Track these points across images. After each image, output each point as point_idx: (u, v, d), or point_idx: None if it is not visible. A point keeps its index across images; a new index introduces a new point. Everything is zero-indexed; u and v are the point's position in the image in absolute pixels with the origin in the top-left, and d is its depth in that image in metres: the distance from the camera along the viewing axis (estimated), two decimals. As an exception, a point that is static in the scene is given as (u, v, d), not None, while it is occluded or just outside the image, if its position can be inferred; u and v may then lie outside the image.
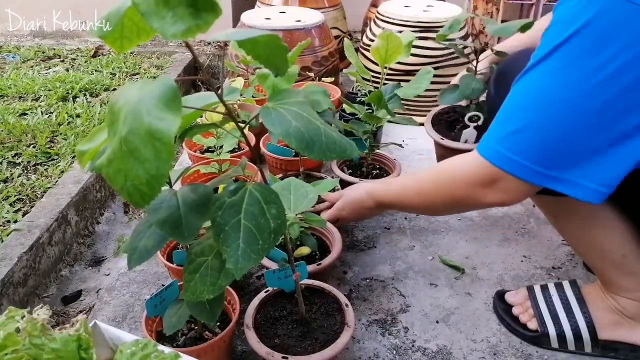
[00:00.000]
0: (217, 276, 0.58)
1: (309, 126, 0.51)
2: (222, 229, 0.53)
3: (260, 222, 0.53)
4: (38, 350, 0.48)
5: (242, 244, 0.51)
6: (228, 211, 0.53)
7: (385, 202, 0.96)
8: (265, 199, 0.54)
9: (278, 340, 0.81)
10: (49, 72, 2.18)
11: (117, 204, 1.49)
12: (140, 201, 0.40)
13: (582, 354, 0.92)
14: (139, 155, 0.38)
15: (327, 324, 0.84)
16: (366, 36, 1.94)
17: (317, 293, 0.91)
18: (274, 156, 1.29)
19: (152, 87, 0.40)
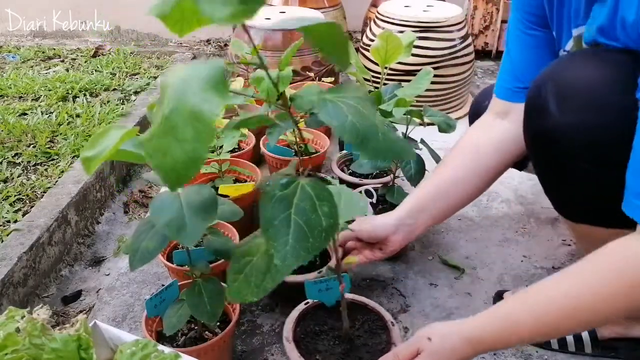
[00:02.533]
0: (262, 278, 0.55)
1: (365, 123, 0.48)
2: (271, 223, 0.50)
3: (311, 219, 0.50)
4: (38, 350, 0.48)
5: (292, 240, 0.49)
6: (278, 205, 0.51)
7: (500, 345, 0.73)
8: (318, 196, 0.51)
9: (320, 357, 0.76)
10: (49, 72, 2.18)
11: (117, 204, 1.49)
12: (175, 182, 0.38)
13: (583, 355, 0.92)
14: (178, 135, 0.37)
15: (372, 343, 0.78)
16: (366, 36, 1.94)
17: (359, 309, 0.84)
18: (274, 156, 1.29)
19: (201, 68, 0.38)
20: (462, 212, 1.32)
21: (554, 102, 0.72)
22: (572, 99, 0.70)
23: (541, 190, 1.40)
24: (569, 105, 0.71)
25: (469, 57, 1.82)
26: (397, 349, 0.72)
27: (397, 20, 1.76)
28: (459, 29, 1.78)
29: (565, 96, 0.71)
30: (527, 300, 0.69)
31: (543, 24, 0.89)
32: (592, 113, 0.68)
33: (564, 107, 0.71)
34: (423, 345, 0.70)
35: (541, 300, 0.68)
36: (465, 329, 0.71)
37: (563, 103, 0.71)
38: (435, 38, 1.73)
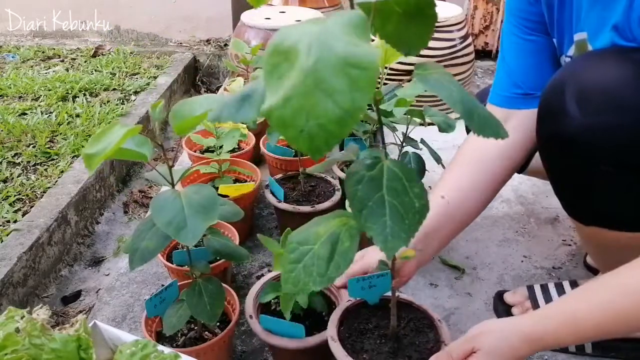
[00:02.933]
0: (325, 266, 0.52)
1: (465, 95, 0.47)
2: (365, 204, 0.47)
3: (404, 200, 0.47)
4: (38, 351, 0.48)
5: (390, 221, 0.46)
6: (369, 185, 0.48)
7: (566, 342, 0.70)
8: (407, 177, 0.49)
9: (367, 356, 0.73)
10: (49, 72, 2.18)
11: (116, 204, 1.49)
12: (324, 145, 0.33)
13: (583, 355, 0.92)
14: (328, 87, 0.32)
15: (420, 341, 0.75)
16: (366, 36, 1.94)
17: (404, 307, 0.82)
18: (274, 156, 1.29)
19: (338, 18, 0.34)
20: (462, 212, 1.33)
21: (573, 103, 0.69)
22: (593, 100, 0.68)
23: (541, 191, 1.40)
24: (591, 107, 0.68)
25: (469, 57, 1.82)
26: (450, 347, 0.70)
27: (397, 20, 1.76)
28: (459, 29, 1.78)
29: (587, 97, 0.68)
30: (590, 296, 0.66)
31: (542, 30, 0.88)
32: (615, 114, 0.66)
33: (586, 109, 0.68)
34: (478, 344, 0.67)
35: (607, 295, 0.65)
36: (524, 327, 0.68)
37: (584, 104, 0.68)
38: (435, 38, 1.73)
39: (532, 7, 0.87)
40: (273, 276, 0.92)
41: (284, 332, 0.80)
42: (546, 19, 0.86)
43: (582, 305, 0.66)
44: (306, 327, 0.80)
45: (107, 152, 0.52)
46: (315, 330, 0.82)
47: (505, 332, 0.69)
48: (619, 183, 0.70)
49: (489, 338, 0.68)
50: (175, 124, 0.58)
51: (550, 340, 0.67)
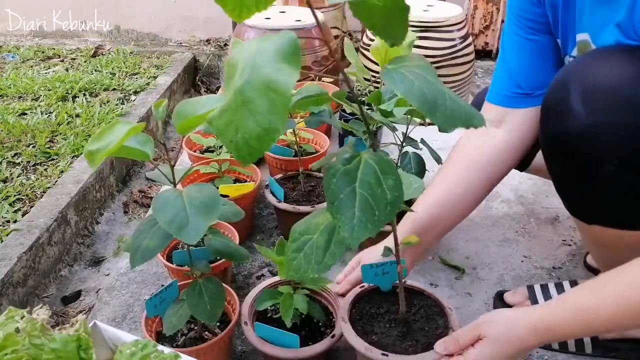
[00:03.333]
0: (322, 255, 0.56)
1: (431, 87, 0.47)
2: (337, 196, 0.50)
3: (376, 192, 0.50)
4: (38, 351, 0.48)
5: (358, 213, 0.49)
6: (342, 179, 0.51)
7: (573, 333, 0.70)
8: (382, 169, 0.51)
9: (376, 337, 0.77)
10: (49, 72, 2.18)
11: (116, 204, 1.49)
12: (247, 156, 0.38)
13: (583, 355, 0.92)
14: (252, 107, 0.36)
15: (429, 327, 0.78)
16: (366, 36, 1.94)
17: (416, 294, 0.84)
18: (274, 156, 1.29)
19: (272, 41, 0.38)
20: (462, 212, 1.33)
21: (579, 102, 0.69)
22: (599, 99, 0.67)
23: (541, 191, 1.40)
24: (596, 106, 0.67)
25: (469, 57, 1.82)
26: (458, 332, 0.71)
27: (397, 20, 1.76)
28: (459, 29, 1.78)
29: (592, 96, 0.68)
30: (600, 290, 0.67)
31: (545, 30, 0.87)
32: (620, 113, 0.66)
33: (591, 108, 0.68)
34: (485, 331, 0.69)
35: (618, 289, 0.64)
36: (533, 318, 0.68)
37: (589, 103, 0.68)
38: (435, 38, 1.73)
39: (536, 8, 0.87)
40: (270, 283, 0.92)
41: (278, 342, 0.80)
42: (550, 20, 0.86)
43: (593, 298, 0.66)
44: (301, 337, 0.80)
45: (110, 149, 0.52)
46: (311, 341, 0.82)
47: (513, 322, 0.69)
48: (623, 182, 0.70)
49: (497, 327, 0.69)
50: (178, 123, 0.58)
51: (559, 331, 0.67)
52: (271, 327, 0.81)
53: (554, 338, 0.69)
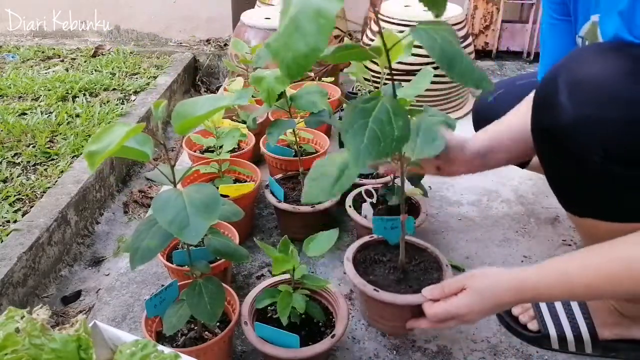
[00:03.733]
0: (333, 184, 0.65)
1: (451, 47, 0.56)
2: (351, 126, 0.58)
3: (385, 129, 0.57)
4: (38, 351, 0.48)
5: (366, 141, 0.56)
6: (359, 113, 0.58)
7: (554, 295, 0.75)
8: (395, 112, 0.59)
9: (374, 278, 0.87)
10: (49, 72, 2.18)
11: (116, 204, 1.49)
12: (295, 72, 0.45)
13: (583, 355, 0.92)
14: (303, 31, 0.43)
15: (424, 278, 0.87)
16: (366, 36, 1.94)
17: (419, 250, 0.94)
18: (274, 156, 1.29)
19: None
20: (462, 212, 1.32)
21: (566, 94, 0.70)
22: (586, 92, 0.69)
23: (541, 190, 1.40)
24: (583, 98, 0.69)
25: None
26: (445, 282, 0.79)
27: (397, 20, 1.76)
28: (459, 29, 1.78)
29: (579, 88, 0.69)
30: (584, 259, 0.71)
31: (566, 12, 0.91)
32: (606, 107, 0.67)
33: (578, 100, 0.69)
34: (469, 283, 0.75)
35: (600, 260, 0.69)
36: (516, 277, 0.73)
37: (576, 95, 0.69)
38: (435, 38, 1.73)
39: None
40: (270, 282, 0.92)
41: (278, 342, 0.80)
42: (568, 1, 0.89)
43: (577, 266, 0.72)
44: (301, 337, 0.80)
45: (109, 149, 0.52)
46: (311, 341, 0.82)
47: (497, 277, 0.76)
48: (609, 175, 0.70)
49: (482, 280, 0.76)
50: (177, 124, 0.58)
51: (543, 293, 0.73)
52: (271, 327, 0.81)
53: (535, 298, 0.76)
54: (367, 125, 0.57)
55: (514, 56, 2.51)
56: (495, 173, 1.51)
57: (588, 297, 0.76)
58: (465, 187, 1.44)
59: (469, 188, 1.44)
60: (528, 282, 0.73)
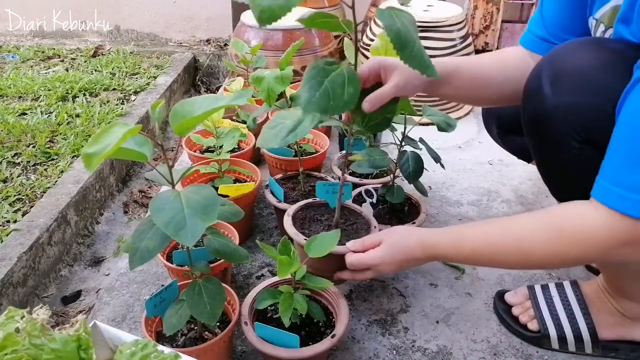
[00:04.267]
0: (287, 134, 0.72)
1: (407, 32, 0.63)
2: (310, 81, 0.66)
3: (337, 92, 0.66)
4: (38, 351, 0.48)
5: (318, 95, 0.65)
6: (320, 72, 0.66)
7: (449, 256, 0.84)
8: (349, 80, 0.67)
9: (307, 232, 0.94)
10: (49, 72, 2.18)
11: (116, 204, 1.49)
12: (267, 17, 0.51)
13: (583, 355, 0.92)
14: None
15: (354, 236, 0.93)
16: (366, 36, 1.94)
17: (355, 214, 1.02)
18: (274, 156, 1.29)
19: None
20: (462, 212, 1.32)
21: (548, 84, 0.75)
22: (565, 81, 0.73)
23: (541, 191, 1.40)
24: (561, 87, 0.73)
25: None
26: (365, 237, 0.89)
27: (397, 20, 1.76)
28: (459, 29, 1.78)
29: (559, 78, 0.74)
30: (481, 227, 0.82)
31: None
32: (583, 95, 0.70)
33: (557, 89, 0.73)
34: (384, 238, 0.86)
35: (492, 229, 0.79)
36: (423, 234, 0.85)
37: (556, 85, 0.74)
38: (435, 38, 1.73)
39: None
40: (270, 283, 0.92)
41: (278, 342, 0.80)
42: None
43: (469, 232, 0.82)
44: (301, 337, 0.80)
45: (107, 151, 0.52)
46: (311, 341, 0.82)
47: (407, 233, 0.86)
48: (589, 159, 0.72)
49: (394, 235, 0.86)
50: (175, 124, 0.58)
51: (440, 250, 0.82)
52: (271, 327, 0.81)
53: (437, 255, 0.84)
54: (324, 83, 0.65)
55: (514, 56, 2.51)
56: (495, 173, 1.51)
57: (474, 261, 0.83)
58: (465, 187, 1.44)
59: (469, 188, 1.44)
60: (430, 239, 0.83)
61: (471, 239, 0.80)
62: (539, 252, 0.72)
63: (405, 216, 1.14)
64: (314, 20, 0.68)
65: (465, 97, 1.00)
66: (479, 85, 0.95)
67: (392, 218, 1.13)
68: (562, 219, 0.72)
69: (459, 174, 1.51)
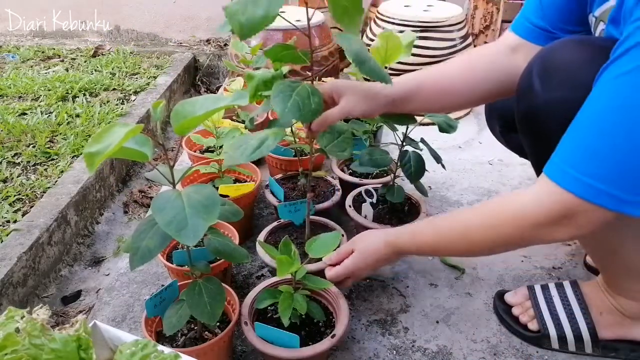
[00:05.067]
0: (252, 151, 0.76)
1: (363, 51, 0.75)
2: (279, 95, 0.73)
3: (305, 101, 0.73)
4: (38, 351, 0.48)
5: (290, 106, 0.72)
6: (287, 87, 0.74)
7: (411, 251, 0.88)
8: (312, 92, 0.75)
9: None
10: (49, 72, 2.18)
11: (116, 204, 1.49)
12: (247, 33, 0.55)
13: (583, 355, 0.92)
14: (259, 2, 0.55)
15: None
16: (366, 36, 1.94)
17: (321, 226, 1.08)
18: (274, 156, 1.29)
19: None
20: (462, 212, 1.32)
21: (538, 81, 0.76)
22: (554, 77, 0.74)
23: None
24: (551, 83, 0.75)
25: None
26: (340, 248, 0.93)
27: (398, 19, 1.76)
28: (459, 29, 1.78)
29: (549, 75, 0.75)
30: (433, 221, 0.87)
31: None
32: (570, 90, 0.71)
33: (547, 85, 0.75)
34: (356, 245, 0.91)
35: (443, 220, 0.85)
36: (387, 234, 0.90)
37: (546, 81, 0.75)
38: (435, 38, 1.73)
39: None
40: (270, 282, 0.92)
41: (278, 341, 0.80)
42: None
43: (424, 225, 0.89)
44: (301, 337, 0.80)
45: (108, 151, 0.52)
46: (311, 341, 0.83)
47: (373, 236, 0.91)
48: None
49: (363, 241, 0.92)
50: (176, 124, 0.58)
51: (401, 245, 0.87)
52: (271, 327, 0.81)
53: (400, 250, 0.88)
54: (292, 96, 0.73)
55: (514, 56, 2.50)
56: (495, 173, 1.51)
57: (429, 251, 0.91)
58: (465, 187, 1.44)
59: (469, 188, 1.44)
60: (391, 236, 0.89)
61: (425, 232, 0.86)
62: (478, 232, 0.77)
63: (405, 216, 1.14)
64: (277, 53, 0.79)
65: (433, 109, 1.01)
66: (447, 97, 0.96)
67: (392, 218, 1.13)
68: (502, 199, 0.77)
69: (459, 174, 1.51)
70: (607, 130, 0.62)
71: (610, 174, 0.62)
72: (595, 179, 0.62)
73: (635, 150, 0.60)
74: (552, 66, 0.76)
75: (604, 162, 0.62)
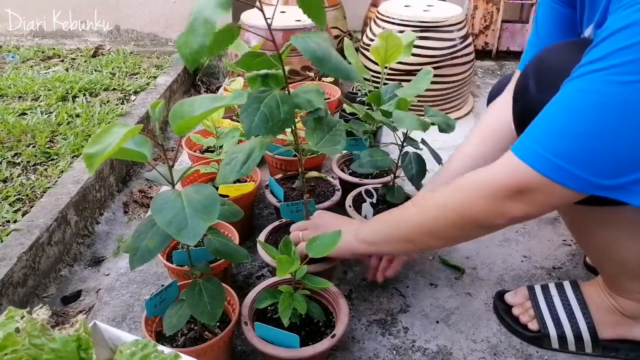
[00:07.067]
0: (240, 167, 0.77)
1: (322, 49, 0.70)
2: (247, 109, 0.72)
3: (274, 112, 0.72)
4: (38, 351, 0.48)
5: (257, 120, 0.71)
6: (254, 100, 0.72)
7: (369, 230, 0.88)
8: (282, 100, 0.73)
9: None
10: (49, 72, 2.18)
11: (116, 204, 1.49)
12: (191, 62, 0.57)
13: (583, 354, 0.92)
14: (197, 32, 0.56)
15: None
16: (366, 36, 1.94)
17: None
18: (274, 156, 1.29)
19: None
20: (462, 212, 1.32)
21: (533, 82, 0.78)
22: (547, 78, 0.76)
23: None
24: (544, 84, 0.76)
25: (469, 57, 1.82)
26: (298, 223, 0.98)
27: (397, 20, 1.76)
28: (459, 29, 1.78)
29: (543, 76, 0.78)
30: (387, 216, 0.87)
31: (567, 2, 0.89)
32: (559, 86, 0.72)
33: (541, 85, 0.77)
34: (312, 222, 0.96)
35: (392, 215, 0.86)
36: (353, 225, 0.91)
37: (540, 82, 0.77)
38: (435, 38, 1.73)
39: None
40: (270, 282, 0.92)
41: (278, 341, 0.80)
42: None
43: (381, 219, 0.88)
44: (301, 337, 0.80)
45: (108, 151, 0.52)
46: (311, 341, 0.83)
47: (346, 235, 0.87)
48: None
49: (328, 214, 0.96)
50: (174, 124, 0.58)
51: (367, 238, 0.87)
52: (271, 327, 0.81)
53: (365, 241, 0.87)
54: (260, 108, 0.72)
55: (513, 56, 2.51)
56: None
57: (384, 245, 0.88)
58: (465, 187, 1.44)
59: (469, 188, 1.43)
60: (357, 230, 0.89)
61: (381, 227, 0.86)
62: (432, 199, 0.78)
63: (405, 216, 1.14)
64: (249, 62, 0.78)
65: None
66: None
67: (392, 218, 1.13)
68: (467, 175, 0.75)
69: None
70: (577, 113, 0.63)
71: (576, 155, 0.62)
72: (560, 157, 0.63)
73: (604, 133, 0.61)
74: (545, 68, 0.78)
75: (571, 143, 0.63)
